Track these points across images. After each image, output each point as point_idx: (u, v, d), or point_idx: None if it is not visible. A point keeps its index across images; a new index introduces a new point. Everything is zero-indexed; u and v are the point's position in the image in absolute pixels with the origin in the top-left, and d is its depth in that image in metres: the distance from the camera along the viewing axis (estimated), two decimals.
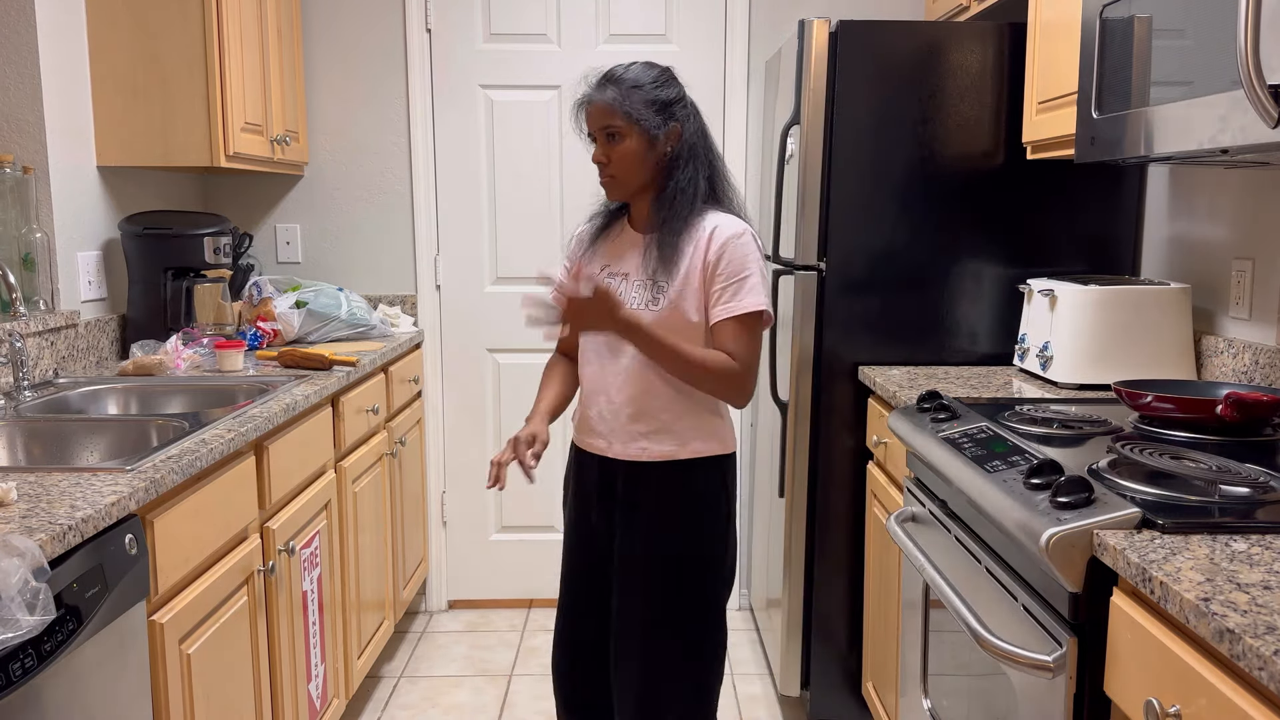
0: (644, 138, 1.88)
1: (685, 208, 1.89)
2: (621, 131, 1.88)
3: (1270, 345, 2.10)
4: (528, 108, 3.49)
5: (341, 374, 2.63)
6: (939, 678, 1.95)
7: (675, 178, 1.91)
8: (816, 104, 2.64)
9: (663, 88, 1.90)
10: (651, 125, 1.87)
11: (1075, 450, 1.70)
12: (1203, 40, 1.54)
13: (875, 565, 2.58)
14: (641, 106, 1.87)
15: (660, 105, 1.89)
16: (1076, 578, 1.33)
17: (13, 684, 1.25)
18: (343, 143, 3.50)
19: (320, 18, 3.44)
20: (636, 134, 1.87)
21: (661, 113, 1.89)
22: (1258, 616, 1.03)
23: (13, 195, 2.45)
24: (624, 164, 1.90)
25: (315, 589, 2.43)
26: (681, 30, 3.46)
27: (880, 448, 2.51)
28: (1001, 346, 2.72)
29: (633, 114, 1.86)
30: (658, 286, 1.89)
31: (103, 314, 2.78)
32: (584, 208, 3.52)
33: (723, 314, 1.86)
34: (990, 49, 2.61)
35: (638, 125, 1.87)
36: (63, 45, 2.60)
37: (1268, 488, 1.41)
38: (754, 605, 3.53)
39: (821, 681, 2.84)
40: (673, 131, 1.90)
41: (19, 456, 2.03)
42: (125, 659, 1.55)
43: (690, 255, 1.87)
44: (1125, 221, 2.67)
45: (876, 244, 2.68)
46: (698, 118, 1.95)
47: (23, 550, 1.23)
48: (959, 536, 1.78)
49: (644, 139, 1.88)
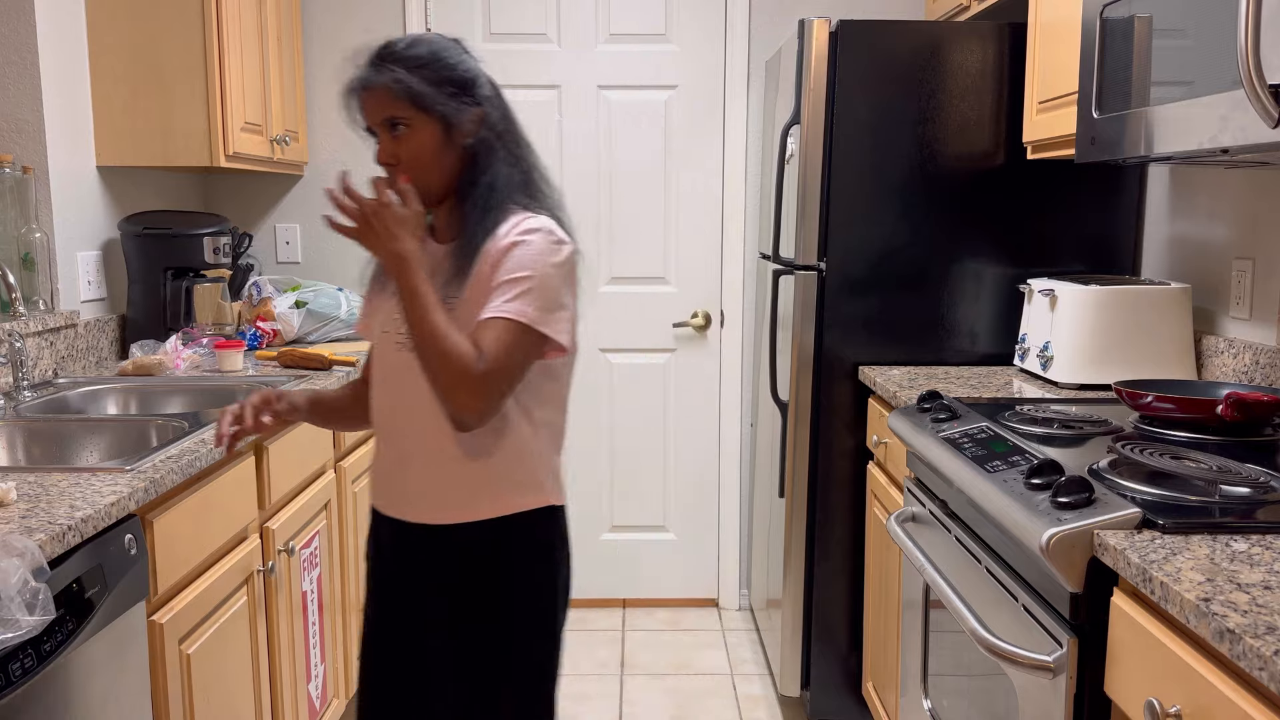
0: (438, 127, 1.52)
1: (496, 209, 1.55)
2: (409, 121, 1.51)
3: (1270, 345, 2.09)
4: (527, 108, 3.49)
5: (341, 374, 2.63)
6: (939, 678, 1.94)
7: (486, 173, 1.55)
8: (817, 104, 2.63)
9: (455, 63, 1.54)
10: (447, 110, 1.51)
11: (1075, 450, 1.70)
12: (1203, 40, 1.54)
13: (875, 565, 2.58)
14: (432, 88, 1.50)
15: (456, 85, 1.52)
16: (1077, 578, 1.33)
17: (13, 684, 1.25)
18: (343, 143, 3.50)
19: (320, 18, 3.44)
20: (428, 123, 1.51)
21: (459, 94, 1.53)
22: (1258, 617, 1.03)
23: (12, 195, 2.45)
24: (418, 163, 1.52)
25: (315, 589, 2.42)
26: (681, 30, 3.46)
27: (880, 448, 2.51)
28: (1002, 346, 2.72)
29: (422, 98, 1.49)
30: (446, 303, 1.54)
31: (102, 314, 2.78)
32: (584, 208, 3.53)
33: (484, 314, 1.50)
34: (990, 49, 2.61)
35: (429, 112, 1.50)
36: (63, 45, 2.60)
37: (1268, 488, 1.41)
38: (754, 605, 3.53)
39: (822, 681, 2.84)
40: (474, 116, 1.54)
41: (19, 456, 2.03)
42: (125, 659, 1.55)
43: (481, 260, 1.53)
44: (1125, 221, 2.67)
45: (877, 244, 2.68)
46: (501, 99, 1.60)
47: (23, 550, 1.23)
48: (959, 536, 1.78)
49: (438, 128, 1.52)
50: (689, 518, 3.69)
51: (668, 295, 3.58)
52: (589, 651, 3.36)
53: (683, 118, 3.50)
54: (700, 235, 3.55)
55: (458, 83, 1.53)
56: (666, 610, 3.70)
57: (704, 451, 3.66)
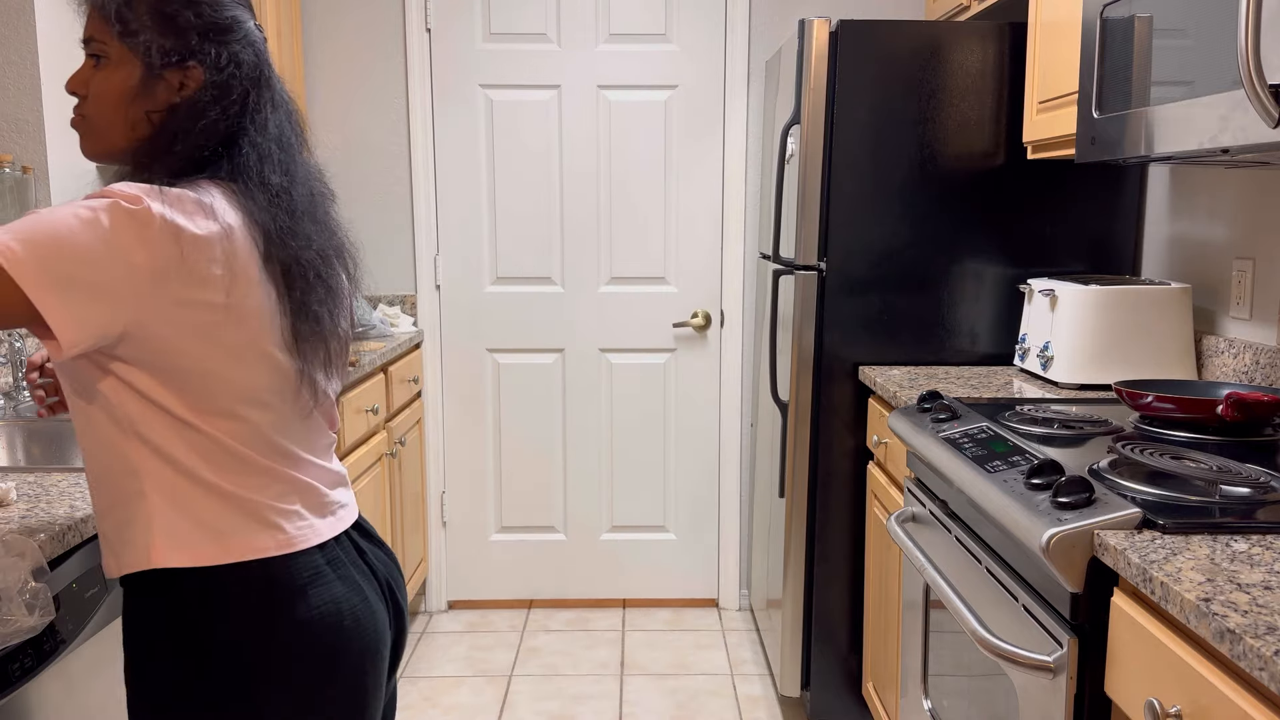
0: (135, 68, 1.19)
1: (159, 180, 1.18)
2: (106, 50, 1.20)
3: (1271, 345, 2.09)
4: (528, 107, 3.49)
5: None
6: (939, 678, 1.94)
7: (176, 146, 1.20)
8: (817, 104, 2.63)
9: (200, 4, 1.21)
10: (150, 51, 1.19)
11: (1076, 450, 1.70)
12: (1203, 40, 1.54)
13: (875, 565, 2.57)
14: (147, 18, 1.18)
15: (182, 29, 1.20)
16: (1077, 578, 1.33)
17: (12, 684, 1.25)
18: (342, 142, 3.50)
19: (320, 18, 3.44)
20: (128, 60, 1.19)
21: (179, 39, 1.20)
22: (1258, 617, 1.03)
23: (12, 195, 2.45)
24: (101, 102, 1.20)
25: None
26: (681, 30, 3.46)
27: (880, 448, 2.51)
28: (1002, 346, 2.72)
29: (127, 26, 1.18)
30: None
31: None
32: (584, 208, 3.53)
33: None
34: (990, 49, 2.61)
35: (129, 45, 1.19)
36: (63, 45, 2.60)
37: (1268, 488, 1.41)
38: (754, 605, 3.53)
39: (822, 682, 2.84)
40: (190, 75, 1.20)
41: (19, 456, 2.03)
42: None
43: None
44: (1126, 221, 2.67)
45: (877, 244, 2.68)
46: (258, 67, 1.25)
47: (22, 550, 1.23)
48: (959, 537, 1.78)
49: (134, 70, 1.19)
50: (689, 518, 3.69)
51: (668, 295, 3.58)
52: (589, 651, 3.36)
53: (683, 118, 3.50)
54: (700, 235, 3.55)
55: (190, 27, 1.20)
56: (666, 610, 3.70)
57: (704, 451, 3.66)
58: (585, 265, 3.56)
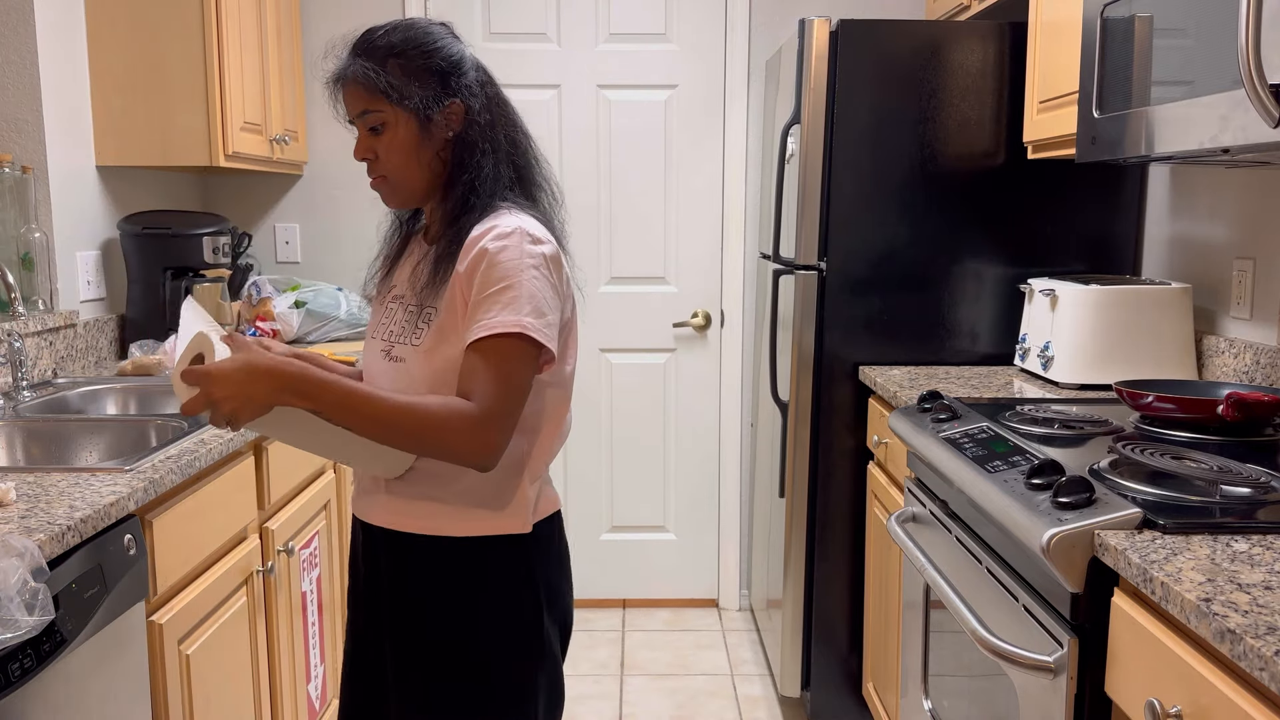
0: (414, 121, 1.43)
1: (477, 209, 1.44)
2: (383, 115, 1.42)
3: (1271, 345, 2.09)
4: (527, 107, 3.49)
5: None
6: (939, 678, 1.94)
7: (467, 170, 1.45)
8: (817, 103, 2.63)
9: (433, 51, 1.45)
10: (420, 104, 1.42)
11: (1076, 450, 1.70)
12: (1204, 40, 1.53)
13: (876, 565, 2.57)
14: (405, 80, 1.42)
15: (433, 76, 1.44)
16: (1077, 578, 1.33)
17: (12, 684, 1.25)
18: (342, 142, 3.49)
19: (320, 17, 3.44)
20: (403, 117, 1.42)
21: (434, 85, 1.43)
22: (1259, 617, 1.02)
23: (12, 195, 2.45)
24: (395, 160, 1.44)
25: (315, 590, 2.42)
26: (681, 29, 3.46)
27: (881, 448, 2.51)
28: (1002, 346, 2.71)
29: (393, 91, 1.41)
30: (425, 314, 1.45)
31: (101, 314, 2.78)
32: (584, 208, 3.53)
33: (467, 339, 1.37)
34: (991, 49, 2.61)
35: (402, 106, 1.42)
36: (62, 45, 2.60)
37: (1269, 488, 1.41)
38: (754, 605, 3.53)
39: (822, 682, 2.84)
40: (453, 111, 1.45)
41: (18, 457, 2.03)
42: (124, 660, 1.55)
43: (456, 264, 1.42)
44: (1126, 221, 2.66)
45: (877, 244, 2.68)
46: (491, 87, 1.50)
47: (22, 550, 1.23)
48: (959, 537, 1.78)
49: (414, 123, 1.43)
50: (689, 518, 3.69)
51: (668, 295, 3.58)
52: (589, 651, 3.35)
53: (683, 117, 3.49)
54: (700, 235, 3.55)
55: (436, 72, 1.43)
56: (667, 610, 3.70)
57: (704, 451, 3.66)
58: (585, 264, 3.56)
